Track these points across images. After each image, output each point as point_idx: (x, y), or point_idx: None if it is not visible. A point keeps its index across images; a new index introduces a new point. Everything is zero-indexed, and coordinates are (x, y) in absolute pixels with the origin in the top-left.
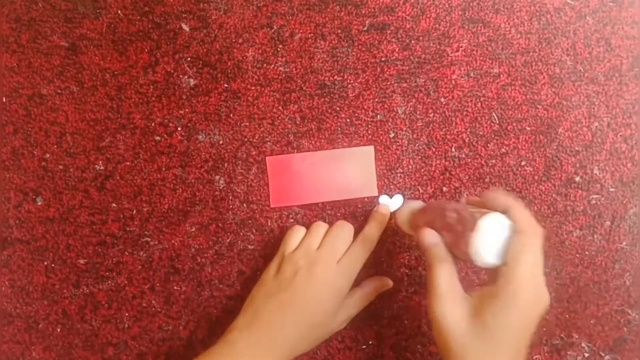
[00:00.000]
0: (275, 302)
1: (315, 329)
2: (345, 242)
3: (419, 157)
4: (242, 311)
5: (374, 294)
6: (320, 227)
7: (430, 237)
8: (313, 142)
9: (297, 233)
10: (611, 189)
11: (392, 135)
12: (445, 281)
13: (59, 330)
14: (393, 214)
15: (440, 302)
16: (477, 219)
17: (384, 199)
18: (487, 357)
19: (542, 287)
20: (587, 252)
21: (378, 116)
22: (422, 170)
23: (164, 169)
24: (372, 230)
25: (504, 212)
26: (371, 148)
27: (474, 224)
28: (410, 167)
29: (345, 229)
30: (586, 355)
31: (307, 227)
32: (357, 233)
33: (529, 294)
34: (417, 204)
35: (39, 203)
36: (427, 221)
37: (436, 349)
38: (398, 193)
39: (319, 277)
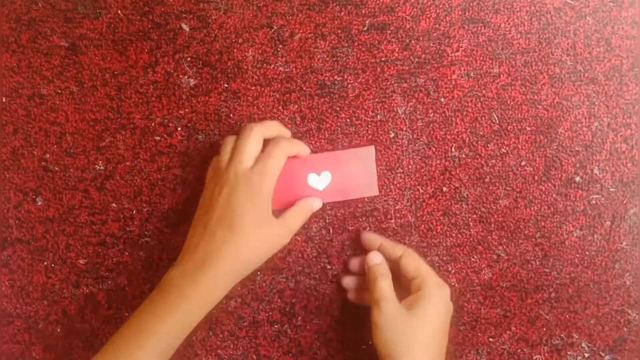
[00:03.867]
0: (200, 228)
1: (250, 241)
2: (253, 149)
3: (419, 157)
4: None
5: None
6: (228, 140)
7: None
8: (313, 142)
9: (226, 147)
10: (611, 189)
11: (392, 135)
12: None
13: (59, 330)
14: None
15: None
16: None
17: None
18: (414, 340)
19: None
20: (587, 252)
21: (378, 116)
22: (422, 170)
23: (164, 169)
24: (287, 137)
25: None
26: (372, 148)
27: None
28: (410, 167)
29: (251, 137)
30: (586, 355)
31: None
32: (357, 236)
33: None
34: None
35: (39, 203)
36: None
37: None
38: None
39: (230, 190)
